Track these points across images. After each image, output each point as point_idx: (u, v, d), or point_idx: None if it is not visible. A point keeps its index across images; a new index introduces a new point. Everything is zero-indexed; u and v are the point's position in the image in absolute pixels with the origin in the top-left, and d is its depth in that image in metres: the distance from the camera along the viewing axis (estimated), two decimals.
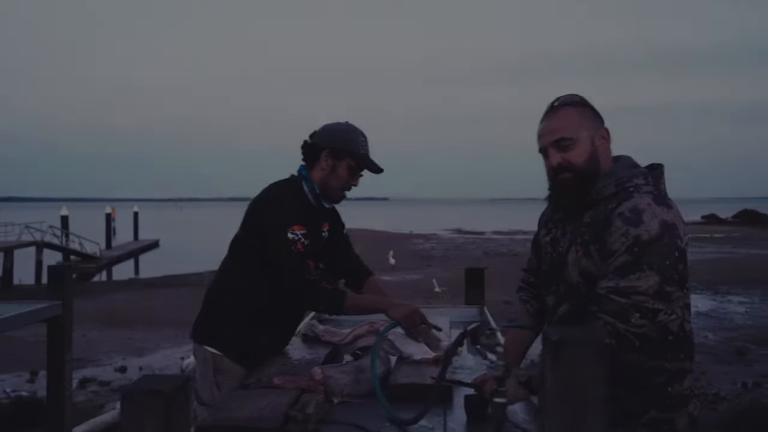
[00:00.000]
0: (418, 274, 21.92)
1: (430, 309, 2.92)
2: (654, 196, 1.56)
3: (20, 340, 12.97)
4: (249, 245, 2.17)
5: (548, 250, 1.74)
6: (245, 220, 2.20)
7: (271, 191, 2.19)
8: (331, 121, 2.27)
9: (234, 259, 2.24)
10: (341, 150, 2.16)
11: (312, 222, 2.18)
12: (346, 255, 2.45)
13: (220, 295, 2.23)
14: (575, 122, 1.61)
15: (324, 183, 2.19)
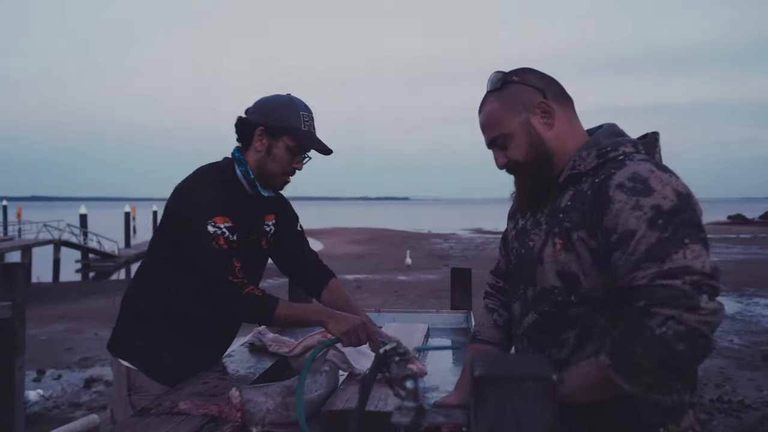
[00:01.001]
0: (434, 274, 21.58)
1: (409, 314, 2.61)
2: (653, 163, 1.23)
3: (31, 338, 12.98)
4: (166, 241, 1.85)
5: (515, 246, 1.42)
6: (164, 212, 1.87)
7: (194, 176, 1.86)
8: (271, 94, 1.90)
9: (152, 259, 1.93)
10: (277, 127, 1.82)
11: (244, 213, 1.86)
12: (301, 253, 2.10)
13: (135, 300, 1.92)
14: (501, 113, 1.32)
15: (260, 166, 1.86)
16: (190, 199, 1.79)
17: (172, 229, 1.81)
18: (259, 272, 2.03)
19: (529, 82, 1.34)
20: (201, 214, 1.74)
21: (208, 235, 1.72)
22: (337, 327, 1.73)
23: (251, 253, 1.92)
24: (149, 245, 1.96)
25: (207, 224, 1.73)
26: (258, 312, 1.76)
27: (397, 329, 2.23)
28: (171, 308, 1.86)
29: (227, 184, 1.84)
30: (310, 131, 1.86)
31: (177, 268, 1.82)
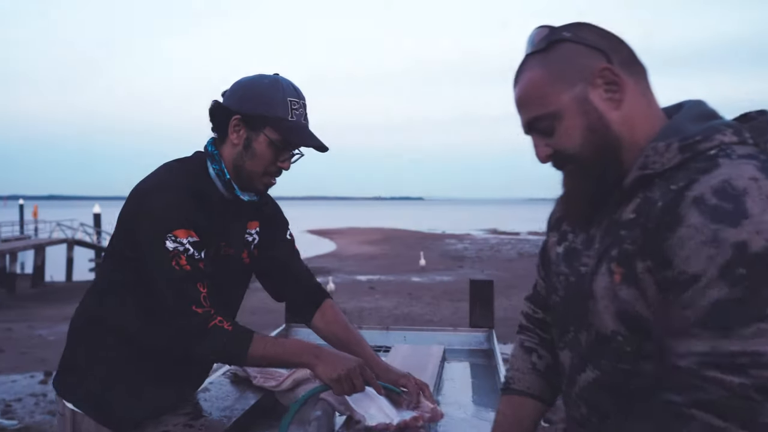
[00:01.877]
0: (449, 276, 21.27)
1: (422, 332, 2.29)
2: (760, 163, 0.83)
3: (40, 339, 12.89)
4: (119, 256, 1.49)
5: (562, 270, 1.05)
6: (117, 220, 1.51)
7: (152, 176, 1.48)
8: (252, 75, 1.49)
9: (102, 277, 1.56)
10: (257, 116, 1.44)
11: (219, 222, 1.50)
12: (288, 268, 1.71)
13: (82, 328, 1.55)
14: (545, 83, 0.95)
15: (237, 164, 1.49)
16: (145, 205, 1.41)
17: (126, 242, 1.45)
18: (240, 293, 1.68)
19: (588, 40, 0.95)
20: (158, 226, 1.38)
21: (165, 253, 1.37)
22: (327, 371, 1.38)
23: (230, 270, 1.57)
24: (102, 260, 1.59)
25: (165, 239, 1.37)
26: (226, 351, 1.41)
27: (408, 353, 1.92)
28: (126, 339, 1.50)
29: (196, 186, 1.47)
30: (300, 122, 1.47)
31: (132, 289, 1.48)
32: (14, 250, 21.15)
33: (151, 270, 1.41)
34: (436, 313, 14.77)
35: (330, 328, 1.66)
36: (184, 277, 1.38)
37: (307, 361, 1.42)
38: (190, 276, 1.39)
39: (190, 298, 1.38)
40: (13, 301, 17.72)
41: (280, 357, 1.44)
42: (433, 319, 14.14)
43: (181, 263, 1.38)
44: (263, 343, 1.42)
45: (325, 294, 1.72)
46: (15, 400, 8.80)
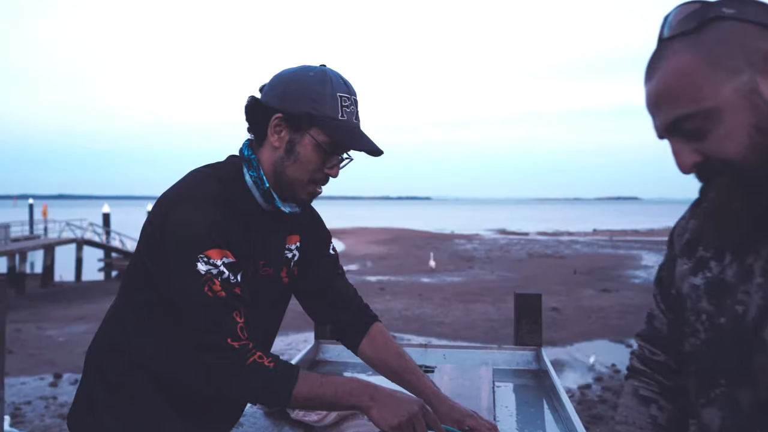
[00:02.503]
0: (459, 276, 21.09)
1: (464, 350, 2.11)
2: None
3: (49, 340, 12.82)
4: (145, 276, 1.28)
5: (705, 308, 0.86)
6: (141, 232, 1.31)
7: (181, 186, 1.28)
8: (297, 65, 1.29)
9: (125, 299, 1.34)
10: (303, 114, 1.23)
11: (256, 238, 1.31)
12: (333, 288, 1.50)
13: (102, 358, 1.35)
14: (699, 72, 0.75)
15: (278, 171, 1.28)
16: (172, 219, 1.21)
17: (152, 257, 1.26)
18: (278, 318, 1.47)
19: (756, 17, 0.75)
20: (187, 246, 1.19)
21: (196, 277, 1.18)
22: (386, 417, 1.19)
23: (268, 292, 1.37)
24: (124, 277, 1.36)
25: (196, 260, 1.18)
26: (267, 392, 1.21)
27: (454, 375, 1.74)
28: (151, 372, 1.30)
29: (230, 197, 1.27)
30: (351, 122, 1.27)
31: (160, 313, 1.27)
32: (24, 249, 21.12)
33: (179, 295, 1.21)
34: (447, 314, 14.60)
35: (381, 356, 1.46)
36: (218, 305, 1.19)
37: (362, 404, 1.22)
38: (226, 304, 1.19)
39: (224, 329, 1.19)
40: (23, 301, 17.68)
41: (330, 398, 1.24)
42: (445, 321, 13.97)
43: (215, 289, 1.19)
44: (310, 382, 1.23)
45: (373, 316, 1.52)
46: (24, 403, 8.70)
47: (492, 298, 16.57)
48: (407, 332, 12.66)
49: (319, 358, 2.15)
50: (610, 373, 9.97)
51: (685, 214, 0.97)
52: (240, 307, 1.21)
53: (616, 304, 15.62)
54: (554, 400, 1.68)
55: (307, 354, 2.06)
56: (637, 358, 1.06)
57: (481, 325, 13.53)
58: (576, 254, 28.98)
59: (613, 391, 9.02)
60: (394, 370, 1.43)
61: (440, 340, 11.99)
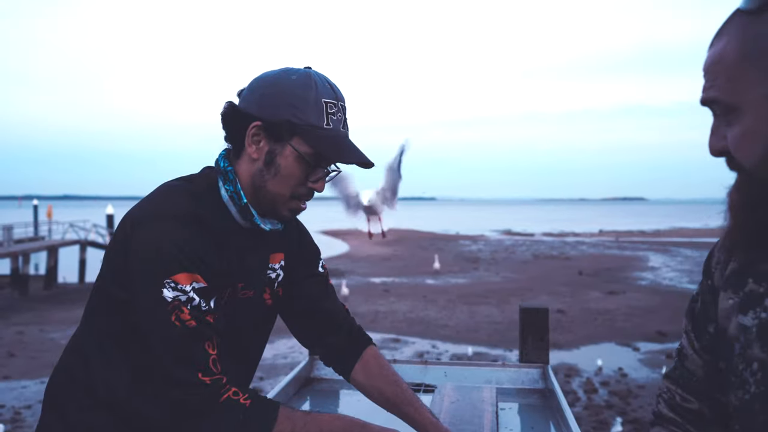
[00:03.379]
0: (464, 278, 20.96)
1: (466, 367, 1.99)
2: None
3: (52, 342, 12.77)
4: (108, 299, 1.15)
5: (757, 355, 0.73)
6: (105, 253, 1.18)
7: (149, 200, 1.15)
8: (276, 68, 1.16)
9: (87, 327, 1.20)
10: (284, 123, 1.11)
11: (234, 258, 1.17)
12: (324, 311, 1.37)
13: (61, 394, 1.20)
14: (734, 65, 0.68)
15: (256, 184, 1.16)
16: (136, 240, 1.08)
17: (116, 281, 1.13)
18: (261, 344, 1.34)
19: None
20: (152, 269, 1.06)
21: (162, 304, 1.05)
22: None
23: (248, 316, 1.25)
24: (87, 302, 1.22)
25: (162, 285, 1.05)
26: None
27: (456, 396, 1.63)
28: (115, 408, 1.16)
29: (203, 213, 1.13)
30: (338, 130, 1.14)
31: (124, 341, 1.14)
32: (27, 251, 21.10)
33: (144, 325, 1.08)
34: (451, 317, 14.48)
35: (375, 384, 1.33)
36: (186, 336, 1.06)
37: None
38: (195, 334, 1.07)
39: (194, 362, 1.06)
40: (26, 303, 17.65)
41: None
42: (449, 324, 13.85)
43: (183, 318, 1.06)
44: (292, 421, 1.09)
45: (367, 340, 1.40)
46: (24, 408, 8.63)
47: (497, 300, 16.45)
48: (411, 335, 12.55)
49: (313, 376, 2.04)
50: (617, 377, 9.83)
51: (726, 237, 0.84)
52: (212, 336, 1.09)
53: (622, 306, 15.47)
54: (561, 423, 1.56)
55: (300, 371, 1.95)
56: (666, 403, 0.93)
57: (485, 327, 13.40)
58: (582, 255, 28.80)
59: (620, 396, 8.88)
60: (390, 399, 1.31)
61: (443, 344, 11.87)
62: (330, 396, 1.90)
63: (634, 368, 10.41)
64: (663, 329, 12.92)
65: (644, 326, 13.37)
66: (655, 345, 11.88)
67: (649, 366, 10.50)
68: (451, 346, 11.83)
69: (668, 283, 19.99)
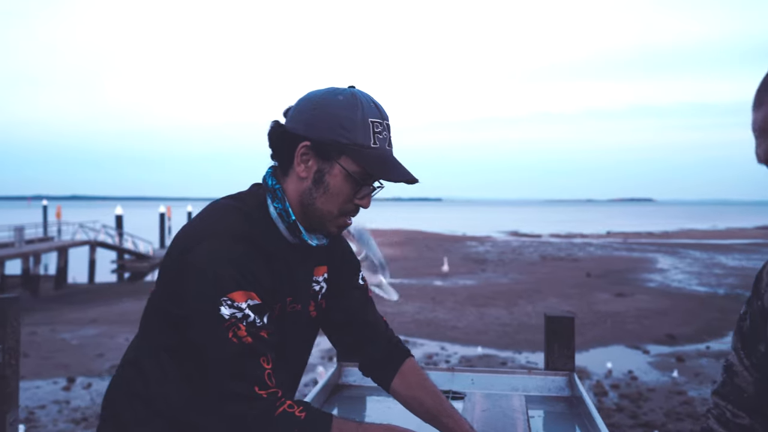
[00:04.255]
0: (472, 280, 20.96)
1: (492, 374, 2.02)
2: None
3: (63, 343, 12.86)
4: (164, 316, 1.19)
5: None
6: (159, 271, 1.22)
7: (201, 220, 1.19)
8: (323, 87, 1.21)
9: (144, 341, 1.25)
10: (333, 143, 1.15)
11: (284, 274, 1.21)
12: (365, 322, 1.40)
13: (119, 406, 1.25)
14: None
15: (305, 202, 1.20)
16: (192, 260, 1.12)
17: (171, 299, 1.16)
18: (306, 355, 1.38)
19: None
20: (209, 289, 1.09)
21: (219, 322, 1.08)
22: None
23: (295, 329, 1.29)
24: (142, 318, 1.27)
25: (220, 304, 1.09)
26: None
27: (486, 405, 1.66)
28: (172, 421, 1.21)
29: (255, 231, 1.17)
30: (384, 149, 1.17)
31: (182, 359, 1.18)
32: (38, 251, 21.26)
33: (201, 342, 1.12)
34: (460, 319, 14.49)
35: (415, 395, 1.36)
36: (244, 352, 1.09)
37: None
38: (252, 350, 1.10)
39: (251, 378, 1.09)
40: (37, 303, 17.77)
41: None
42: (458, 325, 13.86)
43: (240, 335, 1.09)
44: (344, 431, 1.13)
45: (406, 352, 1.42)
46: (38, 407, 8.70)
47: (505, 302, 16.44)
48: (420, 336, 12.56)
49: (341, 382, 2.07)
50: (627, 380, 9.82)
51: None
52: (267, 352, 1.12)
53: (631, 309, 15.44)
54: (591, 430, 1.59)
55: (330, 378, 1.98)
56: (716, 419, 0.96)
57: (494, 329, 13.41)
58: (590, 257, 28.74)
59: (631, 399, 8.87)
60: (430, 410, 1.33)
61: (452, 345, 11.88)
62: (358, 402, 1.93)
63: (644, 371, 10.39)
64: (673, 332, 12.89)
65: (654, 329, 13.33)
66: (665, 348, 11.84)
67: (660, 369, 10.48)
68: (460, 347, 11.84)
69: (677, 285, 19.92)
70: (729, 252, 31.14)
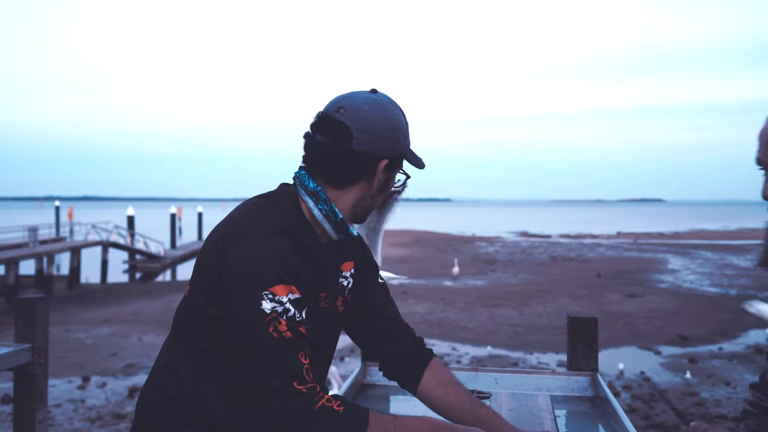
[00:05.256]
0: (482, 280, 20.95)
1: (515, 374, 2.04)
2: None
3: (77, 342, 12.98)
4: (199, 325, 1.20)
5: None
6: (195, 271, 1.24)
7: (241, 217, 1.22)
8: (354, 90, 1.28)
9: (179, 349, 1.25)
10: (401, 155, 1.27)
11: (318, 270, 1.25)
12: (389, 319, 1.42)
13: (156, 412, 1.24)
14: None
15: (362, 205, 1.27)
16: (233, 256, 1.14)
17: (208, 299, 1.18)
18: (333, 349, 1.39)
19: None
20: (251, 282, 1.11)
21: (261, 316, 1.11)
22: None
23: (326, 324, 1.31)
24: (175, 320, 1.28)
25: (261, 298, 1.11)
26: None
27: (513, 405, 1.68)
28: (210, 424, 1.21)
29: (293, 228, 1.21)
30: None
31: (218, 361, 1.20)
32: (51, 252, 21.43)
33: (241, 337, 1.13)
34: (471, 319, 14.50)
35: (450, 391, 1.37)
36: (283, 347, 1.11)
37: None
38: (291, 345, 1.12)
39: (290, 373, 1.11)
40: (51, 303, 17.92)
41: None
42: (468, 326, 13.86)
43: (280, 329, 1.11)
44: (382, 426, 1.15)
45: (430, 351, 1.44)
46: (54, 406, 8.79)
47: (515, 302, 16.42)
48: (431, 337, 12.58)
49: (366, 381, 2.10)
50: (639, 381, 9.79)
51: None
52: (306, 347, 1.15)
53: (642, 310, 15.38)
54: (617, 429, 1.61)
55: (355, 378, 2.01)
56: (750, 404, 1.14)
57: (505, 330, 13.40)
58: (600, 257, 28.63)
59: (643, 400, 8.85)
60: (466, 409, 1.35)
61: (463, 346, 11.89)
62: (383, 401, 1.96)
63: (656, 372, 10.35)
64: (685, 333, 12.84)
65: (666, 330, 13.28)
66: (677, 349, 11.80)
67: (672, 370, 10.44)
68: (471, 348, 11.84)
69: (689, 286, 19.82)
70: (741, 252, 30.93)
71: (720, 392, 9.26)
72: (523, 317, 14.57)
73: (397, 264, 25.76)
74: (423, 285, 19.76)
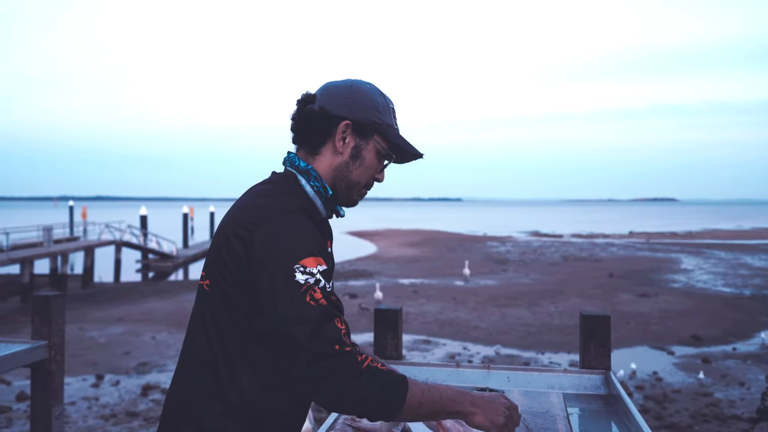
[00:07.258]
0: (493, 280, 20.89)
1: (528, 372, 2.04)
2: None
3: (91, 341, 13.09)
4: (228, 316, 1.24)
5: None
6: (215, 265, 1.27)
7: (259, 201, 1.27)
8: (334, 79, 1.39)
9: (209, 344, 1.28)
10: (369, 123, 1.31)
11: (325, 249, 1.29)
12: None
13: (194, 407, 1.27)
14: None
15: (339, 176, 1.33)
16: (264, 237, 1.19)
17: (241, 287, 1.22)
18: None
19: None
20: (284, 257, 1.16)
21: (297, 287, 1.15)
22: (492, 419, 1.19)
23: None
24: (196, 318, 1.31)
25: (294, 271, 1.15)
26: (386, 396, 1.14)
27: (525, 402, 1.68)
28: (248, 412, 1.25)
29: (307, 207, 1.28)
30: (398, 130, 1.38)
31: (252, 347, 1.24)
32: (65, 251, 21.63)
33: (280, 311, 1.16)
34: (482, 319, 14.46)
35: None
36: (323, 314, 1.15)
37: (465, 410, 1.20)
38: (328, 312, 1.16)
39: (332, 338, 1.14)
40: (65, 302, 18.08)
41: (437, 405, 1.19)
42: (480, 326, 13.83)
43: (316, 297, 1.15)
44: (418, 386, 1.18)
45: None
46: (69, 404, 8.88)
47: (527, 302, 16.36)
48: (442, 336, 12.56)
49: None
50: (652, 381, 9.72)
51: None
52: (339, 314, 1.20)
53: (655, 310, 15.26)
54: (631, 428, 1.60)
55: None
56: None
57: (517, 330, 13.35)
58: (612, 257, 28.45)
59: (656, 401, 8.79)
60: None
61: (475, 345, 11.87)
62: None
63: (669, 372, 10.27)
64: (698, 333, 12.73)
65: (678, 330, 13.17)
66: (690, 349, 11.70)
67: (685, 370, 10.35)
68: (483, 347, 11.81)
69: (702, 286, 19.65)
70: (755, 252, 30.62)
71: (734, 393, 9.18)
72: (535, 317, 14.51)
73: (408, 263, 25.77)
74: (434, 285, 19.73)
